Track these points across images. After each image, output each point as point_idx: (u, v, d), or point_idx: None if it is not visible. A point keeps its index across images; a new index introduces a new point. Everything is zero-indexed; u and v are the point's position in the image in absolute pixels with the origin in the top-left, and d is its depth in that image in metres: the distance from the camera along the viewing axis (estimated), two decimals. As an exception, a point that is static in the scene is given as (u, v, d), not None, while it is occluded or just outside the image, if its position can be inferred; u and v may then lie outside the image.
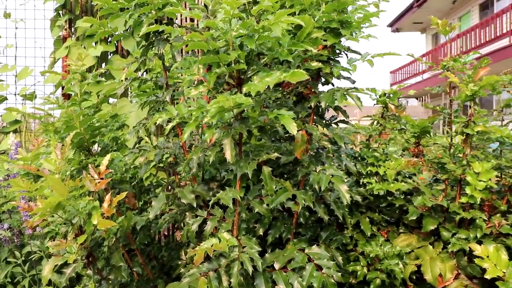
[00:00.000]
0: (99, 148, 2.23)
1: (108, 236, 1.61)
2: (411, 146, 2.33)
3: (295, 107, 1.85)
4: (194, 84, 1.53)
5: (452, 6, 18.24)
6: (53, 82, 3.78)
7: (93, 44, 3.82)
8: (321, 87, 2.04)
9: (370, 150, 2.35)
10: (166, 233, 2.52)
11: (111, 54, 4.00)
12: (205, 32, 1.34)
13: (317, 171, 1.73)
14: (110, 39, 3.97)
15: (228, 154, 1.38)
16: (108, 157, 1.63)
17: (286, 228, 1.83)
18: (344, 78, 1.95)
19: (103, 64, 4.03)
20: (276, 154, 1.50)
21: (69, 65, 2.09)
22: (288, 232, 1.82)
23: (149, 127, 1.63)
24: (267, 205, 1.59)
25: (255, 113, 1.44)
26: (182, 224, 2.04)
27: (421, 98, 18.22)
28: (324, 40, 1.63)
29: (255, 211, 1.60)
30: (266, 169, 1.46)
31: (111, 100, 3.90)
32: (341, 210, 1.78)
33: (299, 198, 1.63)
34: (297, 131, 1.59)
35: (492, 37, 14.08)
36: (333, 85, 1.92)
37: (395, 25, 20.86)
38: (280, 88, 2.07)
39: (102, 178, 1.59)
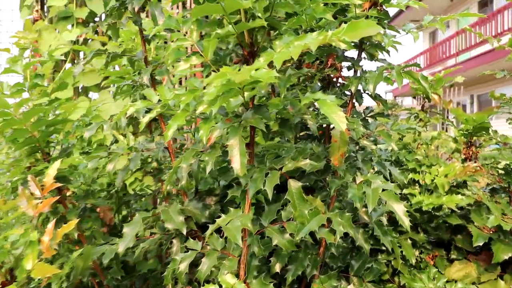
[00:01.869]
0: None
1: (57, 279, 1.09)
2: (462, 147, 1.84)
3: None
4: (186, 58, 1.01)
5: (450, 3, 17.89)
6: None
7: (69, 27, 3.28)
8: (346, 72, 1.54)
9: (410, 152, 1.85)
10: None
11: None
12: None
13: (357, 182, 1.23)
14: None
15: (237, 162, 0.87)
16: (57, 164, 1.11)
17: (311, 260, 1.32)
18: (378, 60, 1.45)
19: (82, 53, 3.49)
20: (307, 161, 0.99)
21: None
22: (314, 266, 1.31)
23: (116, 120, 1.11)
24: (291, 234, 1.08)
25: (277, 99, 0.93)
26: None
27: (418, 97, 17.83)
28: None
29: (273, 242, 1.09)
30: (294, 185, 0.95)
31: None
32: (389, 238, 1.27)
33: (336, 224, 1.12)
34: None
35: (493, 34, 13.72)
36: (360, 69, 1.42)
37: (393, 22, 20.46)
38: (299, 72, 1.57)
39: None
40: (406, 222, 1.11)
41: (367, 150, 1.37)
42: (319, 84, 1.32)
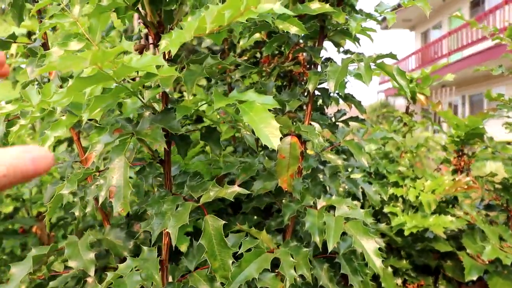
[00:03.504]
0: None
1: None
2: (452, 156, 1.57)
3: (280, 95, 1.06)
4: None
5: (442, 3, 17.75)
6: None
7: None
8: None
9: (392, 162, 1.58)
10: None
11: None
12: None
13: (319, 207, 0.95)
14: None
15: (119, 195, 0.59)
16: None
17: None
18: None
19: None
20: (235, 189, 0.70)
21: None
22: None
23: None
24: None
25: (191, 99, 0.64)
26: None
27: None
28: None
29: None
30: (213, 223, 0.66)
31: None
32: (359, 277, 0.99)
33: (286, 265, 0.84)
34: (282, 137, 0.82)
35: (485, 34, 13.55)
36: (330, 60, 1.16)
37: (385, 22, 20.31)
38: (257, 67, 1.29)
39: None
40: (377, 264, 0.84)
41: (344, 166, 1.10)
42: (273, 82, 1.04)
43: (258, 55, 1.50)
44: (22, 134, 1.04)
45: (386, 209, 1.43)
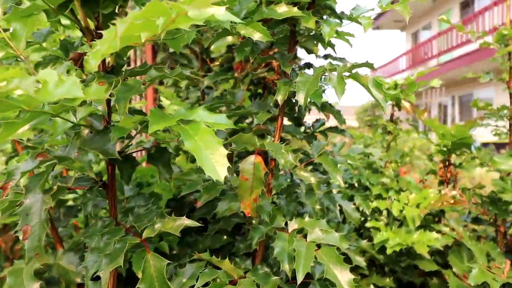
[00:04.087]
0: None
1: None
2: (438, 167, 1.49)
3: (252, 105, 0.97)
4: None
5: (432, 4, 17.81)
6: None
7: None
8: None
9: (376, 172, 1.50)
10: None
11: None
12: None
13: (290, 230, 0.86)
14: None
15: (32, 238, 0.49)
16: None
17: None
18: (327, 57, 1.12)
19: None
20: (183, 222, 0.61)
21: None
22: None
23: None
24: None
25: (128, 119, 0.55)
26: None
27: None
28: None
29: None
30: (155, 263, 0.56)
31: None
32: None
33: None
34: (250, 154, 0.73)
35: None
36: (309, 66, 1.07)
37: (376, 22, 20.31)
38: (229, 73, 1.19)
39: None
40: (351, 298, 0.75)
41: (319, 182, 1.01)
42: (242, 91, 0.95)
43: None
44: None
45: (368, 224, 1.35)
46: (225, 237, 1.06)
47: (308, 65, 1.10)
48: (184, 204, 1.11)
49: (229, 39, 1.23)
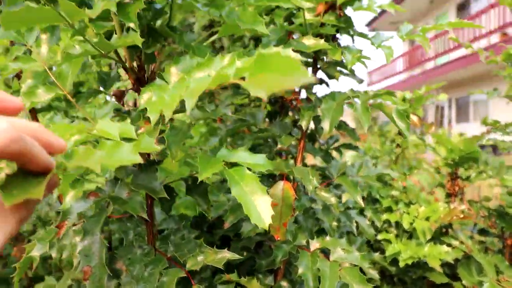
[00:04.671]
0: None
1: None
2: (446, 179, 1.53)
3: (271, 125, 1.01)
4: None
5: (429, 6, 17.91)
6: None
7: None
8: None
9: (386, 185, 1.54)
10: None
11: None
12: None
13: (312, 249, 0.90)
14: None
15: (91, 282, 0.53)
16: None
17: None
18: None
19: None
20: (225, 255, 0.65)
21: None
22: None
23: None
24: None
25: (169, 162, 0.58)
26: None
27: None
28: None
29: None
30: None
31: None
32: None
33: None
34: (277, 179, 0.76)
35: (471, 37, 13.72)
36: (327, 85, 1.11)
37: (373, 24, 20.40)
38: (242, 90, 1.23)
39: None
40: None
41: (337, 203, 1.04)
42: (263, 112, 0.99)
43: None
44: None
45: (379, 236, 1.39)
46: (245, 253, 1.09)
47: (322, 82, 1.14)
48: (204, 219, 1.15)
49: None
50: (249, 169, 0.55)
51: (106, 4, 0.50)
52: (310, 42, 0.76)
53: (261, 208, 0.49)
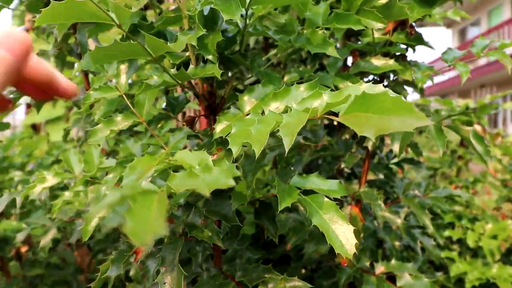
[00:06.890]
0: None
1: None
2: (514, 195, 1.44)
3: (331, 141, 0.99)
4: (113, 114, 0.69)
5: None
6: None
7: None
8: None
9: (446, 199, 1.46)
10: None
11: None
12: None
13: (377, 273, 0.87)
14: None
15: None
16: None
17: None
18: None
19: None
20: (295, 284, 0.63)
21: None
22: None
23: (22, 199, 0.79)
24: None
25: (243, 185, 0.58)
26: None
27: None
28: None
29: None
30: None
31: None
32: None
33: None
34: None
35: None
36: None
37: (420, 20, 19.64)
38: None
39: None
40: None
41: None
42: (323, 130, 0.96)
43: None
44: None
45: (442, 254, 1.32)
46: (303, 271, 1.08)
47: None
48: (261, 236, 1.14)
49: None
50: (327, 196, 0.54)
51: (189, 38, 0.51)
52: (379, 62, 0.74)
53: (344, 236, 0.47)
